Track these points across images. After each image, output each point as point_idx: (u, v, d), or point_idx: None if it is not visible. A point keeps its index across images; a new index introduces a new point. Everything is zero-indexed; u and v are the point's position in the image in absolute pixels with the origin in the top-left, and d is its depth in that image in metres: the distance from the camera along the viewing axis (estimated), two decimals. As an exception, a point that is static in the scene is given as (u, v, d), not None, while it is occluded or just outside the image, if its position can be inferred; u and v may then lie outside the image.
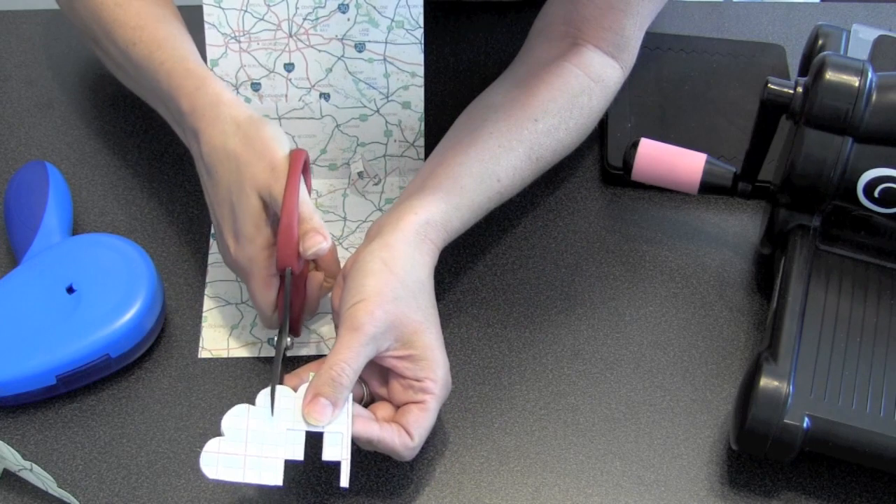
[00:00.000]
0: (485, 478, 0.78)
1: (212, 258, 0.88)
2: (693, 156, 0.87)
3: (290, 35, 0.88)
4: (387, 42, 0.88)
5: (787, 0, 1.10)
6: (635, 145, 0.88)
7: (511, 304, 0.87)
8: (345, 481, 0.72)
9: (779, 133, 0.84)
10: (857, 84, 0.78)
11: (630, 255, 0.90)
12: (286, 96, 0.90)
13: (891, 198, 0.79)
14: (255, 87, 0.89)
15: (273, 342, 0.78)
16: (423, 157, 0.92)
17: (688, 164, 0.87)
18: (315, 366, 0.75)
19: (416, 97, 0.90)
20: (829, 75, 0.78)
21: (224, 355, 0.83)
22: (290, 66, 0.89)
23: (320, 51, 0.88)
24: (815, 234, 0.82)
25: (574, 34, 0.89)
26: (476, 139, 0.84)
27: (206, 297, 0.86)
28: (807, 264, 0.81)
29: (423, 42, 0.88)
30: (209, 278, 0.87)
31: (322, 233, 0.76)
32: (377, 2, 0.87)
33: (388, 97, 0.90)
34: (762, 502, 0.77)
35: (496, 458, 0.79)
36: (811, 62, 0.84)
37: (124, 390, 0.82)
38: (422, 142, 0.92)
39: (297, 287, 0.79)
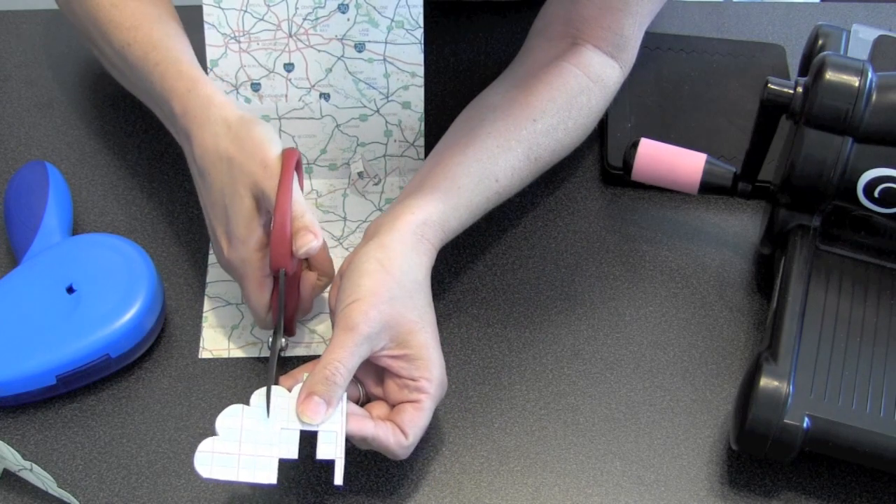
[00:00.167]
0: (485, 478, 0.78)
1: (212, 258, 0.88)
2: (693, 156, 0.87)
3: (290, 35, 0.88)
4: (387, 42, 0.88)
5: (787, 0, 1.10)
6: (635, 145, 0.88)
7: (511, 304, 0.87)
8: (339, 479, 0.72)
9: (779, 133, 0.84)
10: (857, 84, 0.78)
11: (630, 255, 0.90)
12: (286, 96, 0.90)
13: (891, 198, 0.79)
14: (255, 87, 0.89)
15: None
16: (423, 157, 0.92)
17: (688, 164, 0.87)
18: (310, 367, 0.75)
19: (416, 97, 0.90)
20: (829, 75, 0.78)
21: (224, 355, 0.83)
22: (289, 67, 0.89)
23: (320, 51, 0.88)
24: (815, 234, 0.82)
25: (573, 34, 0.89)
26: (474, 139, 0.84)
27: (206, 297, 0.86)
28: (807, 264, 0.81)
29: (422, 42, 0.88)
30: (209, 278, 0.87)
31: (313, 231, 0.76)
32: (377, 2, 0.87)
33: (388, 97, 0.90)
34: (762, 502, 0.77)
35: (496, 458, 0.79)
36: (811, 62, 0.84)
37: (124, 390, 0.82)
38: (422, 142, 0.92)
39: (290, 287, 0.79)
